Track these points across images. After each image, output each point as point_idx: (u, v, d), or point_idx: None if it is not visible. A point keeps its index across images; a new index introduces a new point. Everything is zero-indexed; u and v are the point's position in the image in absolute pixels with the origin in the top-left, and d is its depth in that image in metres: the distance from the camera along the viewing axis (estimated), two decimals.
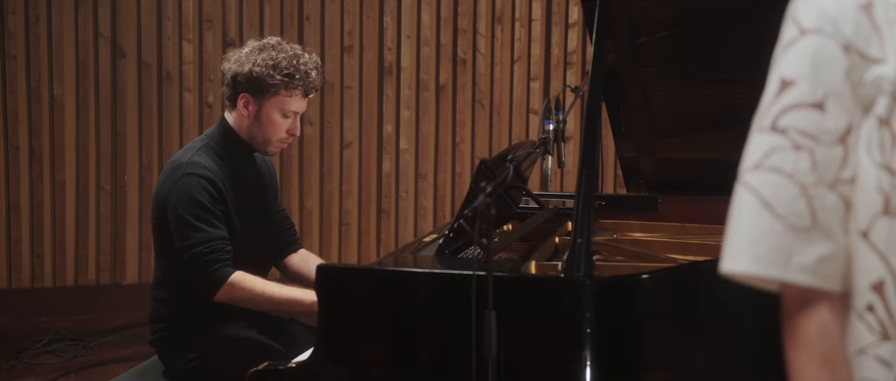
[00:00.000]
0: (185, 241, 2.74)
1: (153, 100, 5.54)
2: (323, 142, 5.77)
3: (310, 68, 2.93)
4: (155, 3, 5.51)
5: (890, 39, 1.17)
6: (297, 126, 2.95)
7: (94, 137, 5.49)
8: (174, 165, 2.84)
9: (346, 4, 5.73)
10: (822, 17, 1.19)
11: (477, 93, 5.87)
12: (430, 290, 2.29)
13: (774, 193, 1.20)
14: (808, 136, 1.19)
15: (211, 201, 2.78)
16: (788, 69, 1.21)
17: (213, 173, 2.82)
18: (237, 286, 2.74)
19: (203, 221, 2.75)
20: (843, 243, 1.20)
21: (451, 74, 5.84)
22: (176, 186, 2.79)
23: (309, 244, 5.74)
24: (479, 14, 5.84)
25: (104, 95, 5.48)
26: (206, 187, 2.78)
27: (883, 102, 1.17)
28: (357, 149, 5.80)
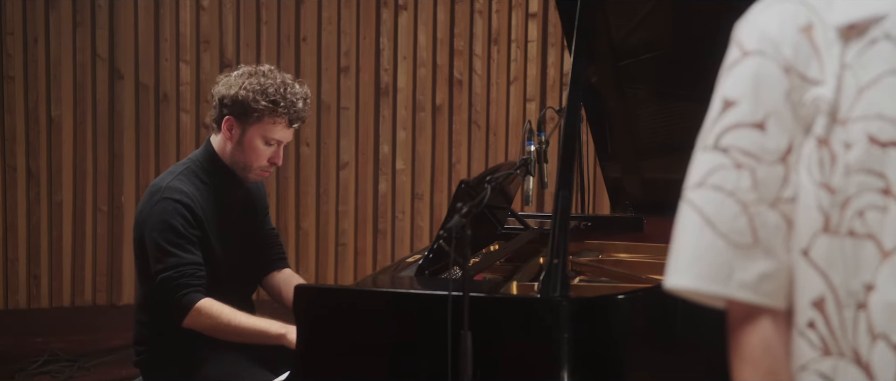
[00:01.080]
0: (157, 265, 2.76)
1: (150, 121, 5.57)
2: (319, 162, 5.79)
3: (297, 98, 2.92)
4: (152, 25, 5.55)
5: (829, 61, 1.19)
6: (279, 155, 2.93)
7: (91, 158, 5.53)
8: (153, 189, 2.86)
9: (342, 25, 5.76)
10: (763, 40, 1.21)
11: (473, 114, 5.89)
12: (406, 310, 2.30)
13: (716, 210, 1.22)
14: (749, 155, 1.21)
15: (185, 226, 2.78)
16: (730, 90, 1.23)
17: (191, 198, 2.83)
18: (203, 313, 2.75)
19: (176, 245, 2.76)
20: (785, 261, 1.22)
21: (447, 95, 5.87)
22: (152, 211, 2.81)
23: (305, 265, 5.76)
24: (475, 35, 5.87)
25: (101, 116, 5.52)
26: (181, 212, 2.79)
27: (821, 122, 1.18)
28: (353, 169, 5.83)
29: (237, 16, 5.66)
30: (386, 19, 5.80)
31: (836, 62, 1.18)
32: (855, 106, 1.16)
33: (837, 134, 1.17)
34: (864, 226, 1.16)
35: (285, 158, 5.74)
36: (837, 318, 1.18)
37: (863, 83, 1.16)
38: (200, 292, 2.75)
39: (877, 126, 1.15)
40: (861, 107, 1.16)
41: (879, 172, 1.15)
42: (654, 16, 2.99)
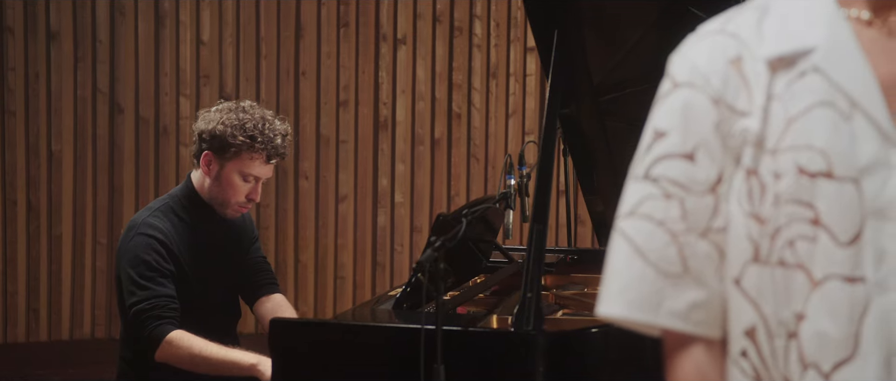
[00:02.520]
0: (130, 298, 2.78)
1: (150, 154, 5.61)
2: (318, 195, 5.82)
3: (276, 134, 2.93)
4: (153, 60, 5.60)
5: (757, 93, 1.20)
6: (257, 191, 2.94)
7: (91, 192, 5.56)
8: (130, 225, 2.90)
9: (342, 60, 5.81)
10: (693, 72, 1.23)
11: (472, 147, 5.92)
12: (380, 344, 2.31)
13: (646, 240, 1.23)
14: (678, 185, 1.22)
15: (159, 261, 2.80)
16: (661, 121, 1.25)
17: (165, 234, 2.85)
18: (174, 345, 2.76)
19: (148, 279, 2.78)
20: (717, 290, 1.23)
21: (445, 129, 5.89)
22: (128, 246, 2.83)
23: (303, 298, 5.77)
24: (473, 69, 5.90)
25: (102, 151, 5.56)
26: (155, 247, 2.81)
27: (749, 153, 1.20)
28: (352, 202, 5.85)
29: (237, 50, 5.71)
30: (385, 54, 5.84)
31: (763, 94, 1.19)
32: (784, 137, 1.18)
33: (767, 165, 1.18)
34: (794, 256, 1.17)
35: (284, 191, 5.79)
36: (768, 347, 1.19)
37: (792, 114, 1.18)
38: (172, 325, 2.77)
39: (806, 157, 1.16)
40: (790, 138, 1.17)
41: (808, 203, 1.16)
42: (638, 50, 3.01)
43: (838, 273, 1.14)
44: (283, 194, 5.77)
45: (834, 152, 1.15)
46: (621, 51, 3.00)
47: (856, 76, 1.15)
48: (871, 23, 1.19)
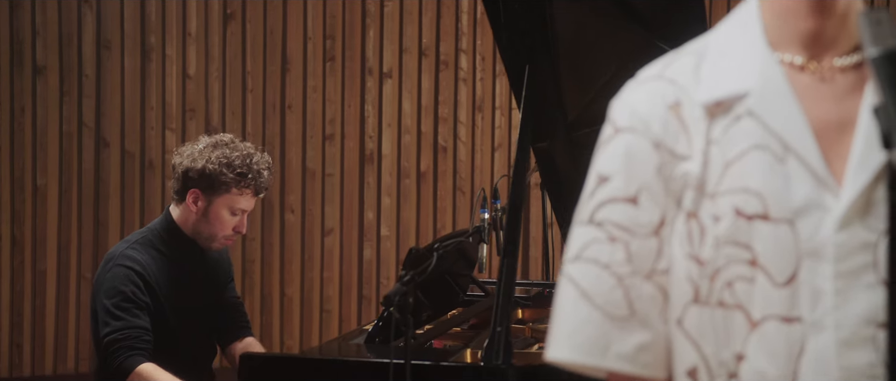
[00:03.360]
0: (103, 329, 2.79)
1: (135, 188, 5.62)
2: (304, 229, 5.82)
3: (262, 168, 2.97)
4: (139, 94, 5.62)
5: (696, 137, 1.22)
6: (244, 224, 2.98)
7: (75, 227, 5.57)
8: (108, 257, 2.91)
9: (328, 93, 5.83)
10: (633, 117, 1.25)
11: (458, 180, 5.93)
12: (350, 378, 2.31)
13: (592, 283, 1.24)
14: (623, 229, 1.23)
15: (135, 293, 2.81)
16: (604, 165, 1.26)
17: (143, 267, 2.86)
18: (144, 377, 2.77)
19: (123, 310, 2.79)
20: (662, 332, 1.24)
21: (432, 162, 5.91)
22: (105, 277, 2.84)
23: (289, 331, 5.77)
24: (459, 102, 5.93)
25: (87, 185, 5.57)
26: (132, 279, 2.82)
27: (690, 196, 1.21)
28: (338, 236, 5.85)
29: (223, 84, 5.74)
30: (371, 87, 5.86)
31: (702, 138, 1.21)
32: (722, 180, 1.19)
33: (706, 208, 1.20)
34: (733, 297, 1.18)
35: (270, 224, 5.79)
36: None
37: (729, 158, 1.19)
38: (143, 357, 2.77)
39: (742, 199, 1.18)
40: (728, 181, 1.19)
41: (746, 244, 1.17)
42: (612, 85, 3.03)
43: (775, 314, 1.15)
44: (269, 227, 5.78)
45: (769, 195, 1.16)
46: (595, 86, 3.02)
47: (789, 120, 1.17)
48: (804, 68, 1.21)
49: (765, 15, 1.23)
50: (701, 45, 1.27)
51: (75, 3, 5.56)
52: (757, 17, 1.23)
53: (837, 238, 1.14)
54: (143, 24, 5.64)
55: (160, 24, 5.66)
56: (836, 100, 1.19)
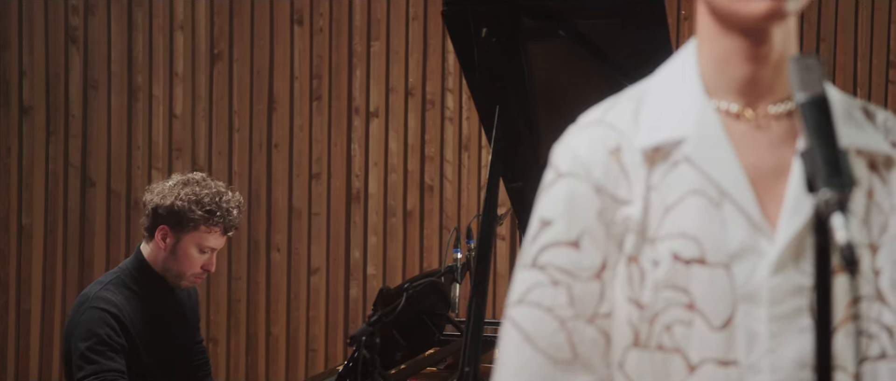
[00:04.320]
0: (78, 373, 2.79)
1: (121, 228, 5.62)
2: (290, 268, 5.82)
3: (231, 206, 2.99)
4: (125, 133, 5.64)
5: (636, 182, 1.23)
6: (213, 262, 2.99)
7: (61, 266, 5.56)
8: (81, 299, 2.91)
9: (314, 133, 5.84)
10: (575, 162, 1.26)
11: (444, 219, 5.93)
12: None
13: (535, 327, 1.24)
14: (565, 272, 1.24)
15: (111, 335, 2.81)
16: (546, 210, 1.27)
17: (118, 308, 2.86)
18: None
19: (98, 353, 2.79)
20: (604, 375, 1.25)
21: (418, 201, 5.91)
22: (80, 320, 2.84)
23: (274, 370, 5.75)
24: (446, 141, 5.94)
25: (72, 224, 5.57)
26: (108, 321, 2.82)
27: (631, 241, 1.22)
28: (325, 275, 5.85)
29: (209, 123, 5.75)
30: (357, 126, 5.88)
31: (643, 183, 1.23)
32: (661, 225, 1.21)
33: (647, 252, 1.21)
34: (671, 340, 1.19)
35: (256, 263, 5.79)
36: None
37: (668, 204, 1.21)
38: None
39: (680, 244, 1.19)
40: (666, 226, 1.20)
41: (684, 288, 1.18)
42: None
43: (713, 357, 1.16)
44: (254, 266, 5.77)
45: (706, 239, 1.17)
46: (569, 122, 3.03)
47: (724, 167, 1.19)
48: (740, 115, 1.23)
49: (702, 63, 1.25)
50: (640, 90, 1.29)
51: (62, 44, 5.59)
52: (694, 65, 1.25)
53: (772, 282, 1.15)
54: (129, 64, 5.67)
55: (147, 63, 5.69)
56: (770, 147, 1.21)
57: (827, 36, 5.93)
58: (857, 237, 1.19)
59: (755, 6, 1.17)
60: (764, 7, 1.17)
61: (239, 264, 5.64)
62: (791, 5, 1.18)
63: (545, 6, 2.46)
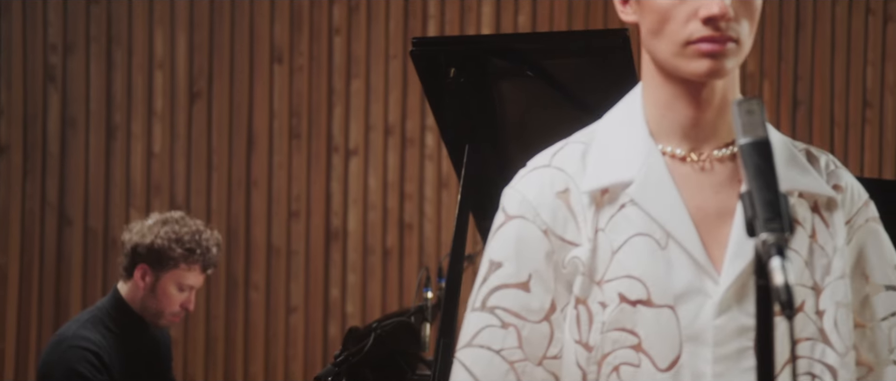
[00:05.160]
0: None
1: (98, 267, 5.60)
2: (268, 307, 5.80)
3: (210, 244, 3.00)
4: (103, 171, 5.62)
5: (584, 224, 1.24)
6: (191, 300, 2.99)
7: (36, 306, 5.53)
8: (58, 338, 2.89)
9: (293, 170, 5.84)
10: (524, 204, 1.27)
11: (424, 257, 5.92)
12: None
13: (484, 369, 1.25)
14: (514, 314, 1.25)
15: (93, 372, 2.81)
16: (496, 252, 1.28)
17: (99, 346, 2.86)
18: None
19: None
20: None
21: (397, 239, 5.91)
22: (60, 360, 2.83)
23: None
24: (425, 179, 5.95)
25: (48, 263, 5.54)
26: (89, 359, 2.81)
27: (579, 282, 1.23)
28: (303, 314, 5.83)
29: (188, 161, 5.75)
30: (337, 164, 5.88)
31: (590, 226, 1.24)
32: (609, 267, 1.21)
33: (595, 294, 1.22)
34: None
35: (234, 302, 5.76)
36: None
37: (615, 246, 1.22)
38: None
39: (626, 285, 1.20)
40: (614, 268, 1.21)
41: (631, 330, 1.19)
42: None
43: None
44: (232, 304, 5.75)
45: (652, 281, 1.19)
46: None
47: (669, 209, 1.20)
48: (685, 158, 1.25)
49: (647, 107, 1.27)
50: (588, 133, 1.31)
51: (41, 82, 5.59)
52: (640, 109, 1.27)
53: (716, 323, 1.16)
54: (108, 103, 5.67)
55: (126, 102, 5.69)
56: (715, 189, 1.22)
57: (804, 75, 5.97)
58: (800, 279, 1.21)
59: (696, 65, 1.21)
60: (704, 66, 1.22)
61: (217, 302, 5.62)
62: (730, 64, 1.23)
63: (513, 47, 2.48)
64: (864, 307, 1.28)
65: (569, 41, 2.57)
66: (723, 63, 1.22)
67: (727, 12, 1.21)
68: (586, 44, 2.61)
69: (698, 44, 1.22)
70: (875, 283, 1.28)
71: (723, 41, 1.22)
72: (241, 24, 5.78)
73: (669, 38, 1.23)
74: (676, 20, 1.23)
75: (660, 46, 1.24)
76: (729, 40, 1.22)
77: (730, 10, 1.21)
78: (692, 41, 1.22)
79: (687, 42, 1.23)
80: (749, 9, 1.25)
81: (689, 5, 1.23)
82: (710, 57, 1.21)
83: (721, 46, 1.22)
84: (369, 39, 5.90)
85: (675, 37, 1.23)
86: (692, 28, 1.23)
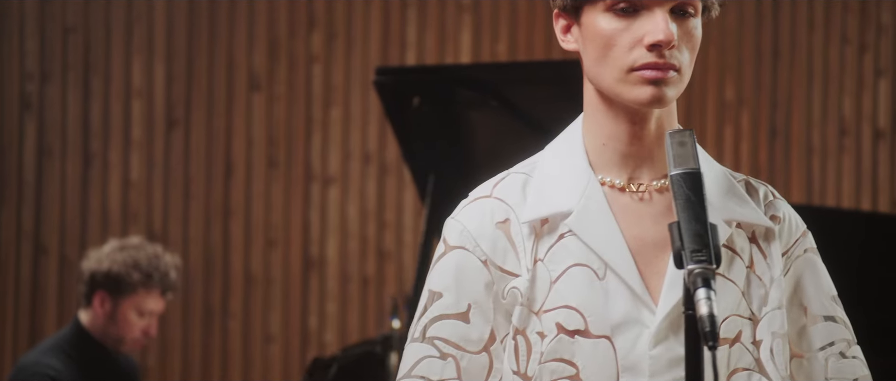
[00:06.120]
0: None
1: (73, 296, 5.54)
2: (246, 336, 5.77)
3: (169, 268, 3.00)
4: (79, 199, 5.60)
5: (523, 255, 1.24)
6: (153, 326, 2.98)
7: (10, 336, 5.50)
8: (19, 366, 2.88)
9: (271, 199, 5.83)
10: (464, 235, 1.27)
11: (403, 286, 5.91)
12: None
13: None
14: (453, 345, 1.25)
15: None
16: (435, 282, 1.28)
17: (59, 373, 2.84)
18: None
19: None
20: None
21: (376, 268, 5.90)
22: None
23: None
24: (404, 207, 5.94)
25: (23, 293, 5.52)
26: None
27: (518, 313, 1.23)
28: (281, 343, 5.80)
29: (165, 190, 5.73)
30: (315, 193, 5.88)
31: (530, 256, 1.24)
32: (548, 298, 1.22)
33: (533, 324, 1.22)
34: None
35: (210, 331, 5.74)
36: None
37: (553, 276, 1.22)
38: None
39: (564, 315, 1.20)
40: (552, 298, 1.21)
41: (569, 360, 1.19)
42: None
43: None
44: (209, 334, 5.72)
45: (589, 311, 1.19)
46: None
47: (607, 239, 1.21)
48: (624, 189, 1.25)
49: (587, 138, 1.29)
50: (530, 164, 1.32)
51: (17, 111, 5.58)
52: (580, 140, 1.28)
53: (653, 353, 1.17)
54: (85, 131, 5.66)
55: (103, 130, 5.68)
56: (653, 219, 1.23)
57: (781, 104, 6.00)
58: (737, 309, 1.22)
59: (639, 91, 1.23)
60: (646, 94, 1.23)
61: (193, 331, 5.60)
62: (671, 92, 1.25)
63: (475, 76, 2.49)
64: (801, 338, 1.28)
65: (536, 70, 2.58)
66: (664, 91, 1.24)
67: (672, 39, 1.23)
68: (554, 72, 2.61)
69: (642, 70, 1.24)
70: (813, 313, 1.29)
71: (666, 69, 1.24)
72: (218, 51, 5.79)
73: (613, 65, 1.25)
74: (620, 47, 1.25)
75: (603, 73, 1.26)
76: (671, 68, 1.24)
77: (674, 37, 1.23)
78: (636, 68, 1.24)
79: (631, 68, 1.25)
80: (691, 40, 1.27)
81: (634, 32, 1.25)
82: (652, 84, 1.23)
83: (664, 73, 1.24)
84: (348, 67, 5.91)
85: (619, 63, 1.25)
86: (636, 54, 1.25)
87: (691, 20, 1.26)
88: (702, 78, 5.95)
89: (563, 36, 1.33)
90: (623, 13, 1.25)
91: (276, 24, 5.84)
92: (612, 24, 1.25)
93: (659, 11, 1.23)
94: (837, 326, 1.29)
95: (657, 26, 1.23)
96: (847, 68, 5.99)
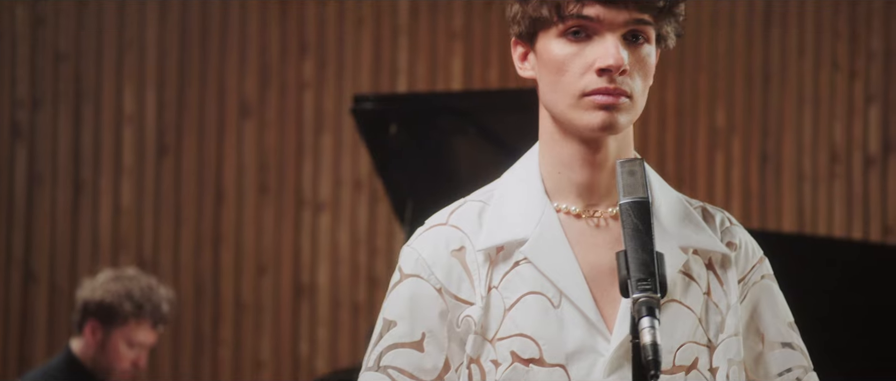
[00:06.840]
0: None
1: (63, 324, 5.54)
2: (237, 363, 5.76)
3: (161, 300, 3.00)
4: (70, 227, 5.60)
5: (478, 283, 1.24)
6: (143, 358, 2.99)
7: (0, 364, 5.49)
8: None
9: (262, 225, 5.83)
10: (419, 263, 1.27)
11: None
12: None
13: None
14: (407, 374, 1.24)
15: None
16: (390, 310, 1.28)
17: None
18: None
19: None
20: None
21: (367, 294, 5.89)
22: None
23: None
24: (395, 233, 5.93)
25: (13, 322, 5.50)
26: None
27: (472, 341, 1.22)
28: (272, 370, 5.79)
29: (156, 217, 5.73)
30: (306, 219, 5.87)
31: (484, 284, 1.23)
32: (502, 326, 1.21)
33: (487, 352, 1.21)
34: None
35: (200, 358, 5.72)
36: None
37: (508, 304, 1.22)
38: None
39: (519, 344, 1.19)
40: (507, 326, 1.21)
41: None
42: None
43: None
44: (200, 361, 5.71)
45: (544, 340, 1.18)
46: None
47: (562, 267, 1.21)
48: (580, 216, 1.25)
49: (543, 165, 1.29)
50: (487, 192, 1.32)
51: (8, 138, 5.58)
52: (536, 168, 1.29)
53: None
54: (76, 158, 5.66)
55: (93, 157, 5.68)
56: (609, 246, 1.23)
57: (772, 129, 6.00)
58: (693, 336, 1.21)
59: (590, 117, 1.24)
60: (597, 120, 1.24)
61: (184, 358, 5.58)
62: (623, 119, 1.25)
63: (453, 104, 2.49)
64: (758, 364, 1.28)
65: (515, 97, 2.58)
66: (616, 117, 1.25)
67: (622, 64, 1.24)
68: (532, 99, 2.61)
69: (593, 96, 1.25)
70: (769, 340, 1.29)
71: (617, 94, 1.25)
72: (209, 78, 5.80)
73: (565, 90, 1.26)
74: (572, 72, 1.26)
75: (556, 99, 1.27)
76: (622, 94, 1.25)
77: (625, 63, 1.23)
78: (587, 93, 1.25)
79: (582, 93, 1.26)
80: (643, 68, 1.27)
81: (586, 57, 1.26)
82: (603, 109, 1.24)
83: (615, 99, 1.25)
84: (339, 94, 5.92)
85: (571, 88, 1.26)
86: (587, 80, 1.26)
87: (644, 47, 1.27)
88: (693, 104, 5.97)
89: (521, 63, 1.34)
90: (575, 38, 1.26)
91: (267, 51, 5.85)
92: (564, 49, 1.26)
93: (610, 37, 1.24)
94: (794, 353, 1.29)
95: (607, 51, 1.23)
96: (838, 94, 6.00)
